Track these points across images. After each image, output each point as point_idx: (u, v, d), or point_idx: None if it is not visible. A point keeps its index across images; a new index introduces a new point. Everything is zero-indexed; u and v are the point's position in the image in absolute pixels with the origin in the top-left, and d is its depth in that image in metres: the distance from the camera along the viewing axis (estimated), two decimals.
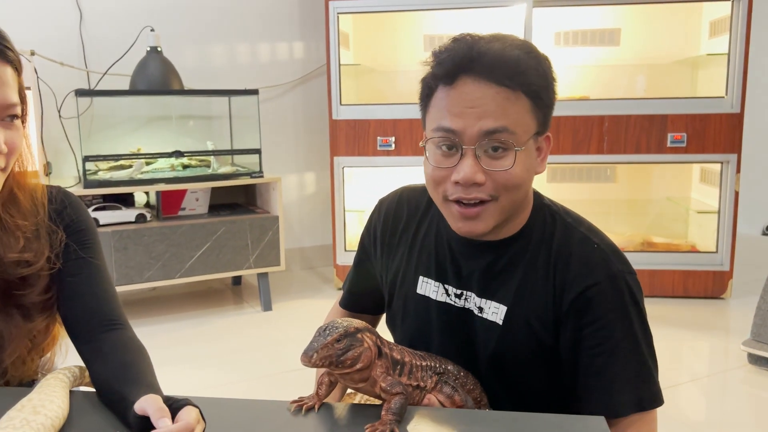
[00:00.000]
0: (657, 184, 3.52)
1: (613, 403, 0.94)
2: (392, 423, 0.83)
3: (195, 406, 0.79)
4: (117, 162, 2.84)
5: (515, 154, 0.91)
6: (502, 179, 0.91)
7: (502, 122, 0.89)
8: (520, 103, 0.91)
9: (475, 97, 0.90)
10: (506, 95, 0.90)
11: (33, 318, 1.02)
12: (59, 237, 1.01)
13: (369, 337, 0.85)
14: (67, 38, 3.02)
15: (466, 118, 0.90)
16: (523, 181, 0.93)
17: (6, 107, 0.90)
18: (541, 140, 0.97)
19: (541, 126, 0.95)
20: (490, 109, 0.89)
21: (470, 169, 0.90)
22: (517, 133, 0.91)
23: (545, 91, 0.93)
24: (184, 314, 2.96)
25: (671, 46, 3.36)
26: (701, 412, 2.05)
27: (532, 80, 0.91)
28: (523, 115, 0.91)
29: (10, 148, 0.92)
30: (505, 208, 0.95)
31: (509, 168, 0.91)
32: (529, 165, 0.94)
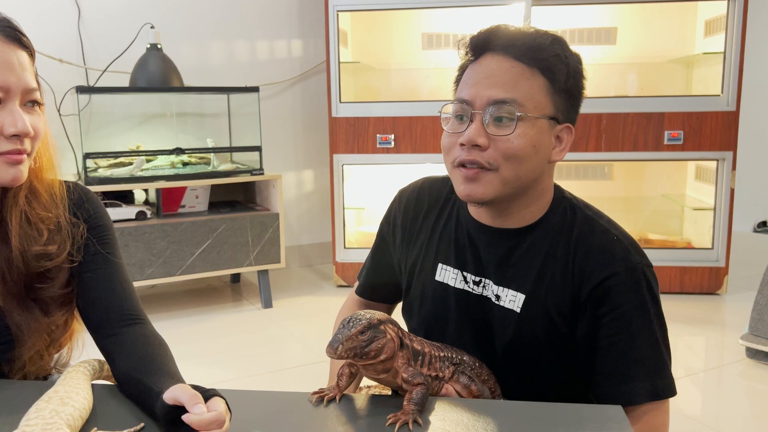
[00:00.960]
0: (653, 181, 3.55)
1: (629, 391, 0.96)
2: (414, 413, 0.84)
3: (222, 397, 0.80)
4: (117, 159, 2.83)
5: (518, 125, 0.94)
6: (503, 147, 0.94)
7: (512, 94, 0.94)
8: (534, 80, 0.95)
9: (490, 69, 0.96)
10: (521, 70, 0.95)
11: (52, 313, 1.02)
12: (81, 230, 1.02)
13: (391, 329, 0.87)
14: (65, 35, 3.02)
15: (479, 87, 0.96)
16: (525, 155, 0.95)
17: (28, 91, 0.92)
18: (560, 129, 0.99)
19: (560, 112, 0.98)
20: (502, 80, 0.95)
21: (474, 132, 0.95)
22: (525, 107, 0.94)
23: (563, 74, 0.96)
24: (184, 312, 2.96)
25: (666, 45, 3.39)
26: (699, 406, 2.08)
27: (549, 59, 0.95)
28: (535, 93, 0.95)
29: (36, 133, 0.93)
30: (507, 180, 0.96)
31: (510, 134, 0.93)
32: (537, 143, 0.96)
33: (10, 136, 0.90)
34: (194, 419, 0.72)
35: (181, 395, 0.77)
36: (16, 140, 0.90)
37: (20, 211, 0.98)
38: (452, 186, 1.13)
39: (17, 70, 0.90)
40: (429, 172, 1.22)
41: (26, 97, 0.92)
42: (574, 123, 1.02)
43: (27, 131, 0.91)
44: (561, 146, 1.00)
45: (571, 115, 1.01)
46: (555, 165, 1.04)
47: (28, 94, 0.92)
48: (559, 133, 0.99)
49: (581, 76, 1.00)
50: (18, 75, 0.90)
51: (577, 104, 1.01)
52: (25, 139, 0.92)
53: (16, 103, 0.91)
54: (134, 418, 0.85)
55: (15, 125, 0.89)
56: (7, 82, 0.89)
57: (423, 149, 3.07)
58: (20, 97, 0.91)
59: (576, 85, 0.99)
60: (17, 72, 0.90)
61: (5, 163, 0.91)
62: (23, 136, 0.91)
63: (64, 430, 0.71)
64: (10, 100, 0.90)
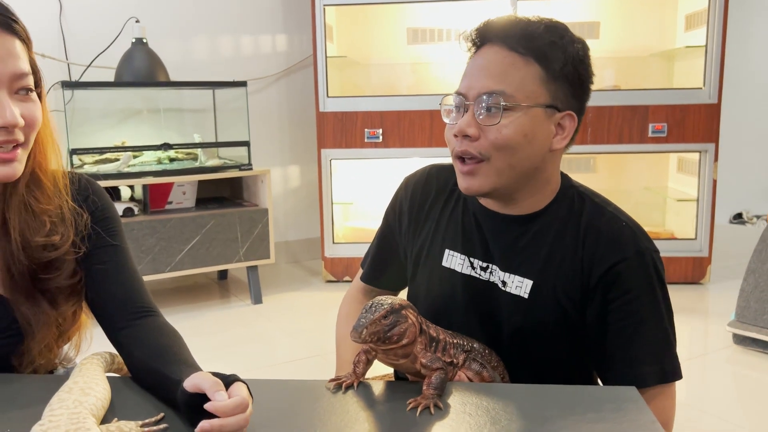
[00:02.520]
0: (635, 174, 3.61)
1: (638, 374, 0.98)
2: (434, 397, 0.85)
3: (243, 382, 0.79)
4: (103, 155, 2.79)
5: (507, 114, 0.95)
6: (492, 136, 0.95)
7: (500, 86, 0.95)
8: (528, 70, 0.95)
9: (485, 61, 0.98)
10: (513, 60, 0.96)
11: (59, 305, 1.01)
12: (84, 220, 1.01)
13: (412, 314, 0.87)
14: (46, 30, 2.96)
15: (473, 79, 0.98)
16: (516, 144, 0.96)
17: (16, 77, 0.88)
18: (560, 117, 0.98)
19: (558, 100, 0.97)
20: (493, 71, 0.96)
21: (465, 122, 0.97)
22: (515, 97, 0.95)
23: (559, 61, 0.96)
24: (173, 309, 2.94)
25: (648, 39, 3.44)
26: (685, 392, 2.12)
27: (542, 47, 0.95)
28: (528, 83, 0.95)
29: (28, 121, 0.90)
30: (501, 170, 0.97)
31: (496, 123, 0.95)
32: (530, 131, 0.96)
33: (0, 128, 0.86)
34: (218, 406, 0.71)
35: (202, 383, 0.76)
36: (4, 132, 0.87)
37: (21, 202, 0.96)
38: None
39: (4, 57, 0.86)
40: (417, 166, 1.22)
41: (16, 85, 0.88)
42: (579, 111, 1.01)
43: (14, 122, 0.87)
44: (563, 134, 1.00)
45: (573, 103, 1.00)
46: (561, 153, 1.04)
47: (17, 81, 0.88)
48: (560, 121, 0.99)
49: (583, 63, 0.99)
50: (5, 62, 0.86)
51: (581, 92, 1.00)
52: (16, 129, 0.88)
53: (3, 93, 0.87)
54: (153, 408, 0.85)
55: (2, 117, 0.86)
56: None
57: (411, 143, 3.08)
58: (8, 85, 0.88)
59: (576, 71, 0.98)
60: (4, 61, 0.86)
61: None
62: (11, 128, 0.87)
63: (90, 419, 0.71)
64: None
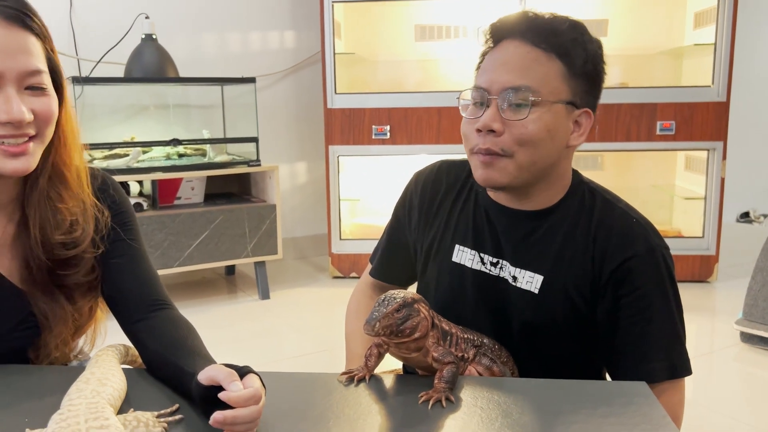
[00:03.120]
0: (643, 171, 3.60)
1: (648, 369, 0.98)
2: (446, 390, 0.86)
3: (256, 373, 0.80)
4: (112, 151, 2.81)
5: (532, 110, 0.95)
6: (517, 132, 0.96)
7: (525, 81, 0.95)
8: (551, 66, 0.96)
9: (507, 55, 0.98)
10: (536, 56, 0.96)
11: (76, 300, 1.02)
12: (105, 218, 1.01)
13: (424, 308, 0.88)
14: (57, 26, 2.98)
15: (495, 73, 0.98)
16: (540, 140, 0.96)
17: (27, 74, 0.88)
18: (578, 114, 1.00)
19: (578, 97, 0.99)
20: (517, 66, 0.96)
21: (489, 117, 0.97)
22: (540, 92, 0.95)
23: (580, 58, 0.97)
24: (181, 304, 2.93)
25: (656, 37, 3.43)
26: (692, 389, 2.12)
27: (565, 43, 0.96)
28: (551, 78, 0.96)
29: (42, 116, 0.90)
30: (523, 166, 0.98)
31: (524, 119, 0.95)
32: (553, 127, 0.97)
33: (5, 123, 0.87)
34: (232, 396, 0.72)
35: (216, 374, 0.77)
36: (10, 127, 0.87)
37: (42, 198, 0.96)
38: (470, 169, 1.15)
39: (14, 53, 0.86)
40: (424, 163, 1.23)
41: (26, 81, 0.88)
42: (594, 108, 1.03)
43: (19, 118, 0.86)
44: (580, 131, 1.01)
45: (590, 100, 1.02)
46: (573, 150, 1.05)
47: (27, 78, 0.88)
48: (578, 118, 1.00)
49: (600, 61, 1.01)
50: (15, 59, 0.86)
51: (597, 89, 1.02)
52: (27, 124, 0.88)
53: (12, 89, 0.87)
54: (168, 400, 0.86)
55: (8, 112, 0.86)
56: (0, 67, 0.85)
57: (418, 140, 3.08)
58: (17, 82, 0.87)
59: (594, 69, 1.00)
60: (14, 56, 0.86)
61: (2, 155, 0.88)
62: (17, 124, 0.87)
63: (108, 408, 0.72)
64: (5, 85, 0.86)
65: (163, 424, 0.77)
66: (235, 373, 0.77)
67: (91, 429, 0.65)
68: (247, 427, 0.73)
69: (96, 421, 0.67)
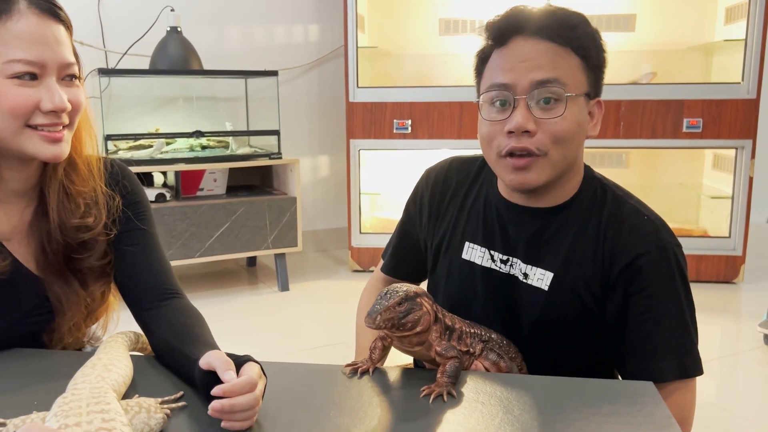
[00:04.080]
0: (669, 170, 3.54)
1: (657, 368, 0.97)
2: (448, 385, 0.85)
3: (256, 362, 0.81)
4: (137, 142, 2.85)
5: (566, 104, 0.94)
6: (553, 129, 0.94)
7: (554, 74, 0.94)
8: (570, 59, 0.96)
9: (526, 52, 0.95)
10: (556, 50, 0.95)
11: (90, 285, 1.05)
12: (116, 203, 1.04)
13: (427, 302, 0.88)
14: (85, 18, 3.03)
15: (518, 71, 0.95)
16: (572, 135, 0.96)
17: (65, 66, 0.92)
18: (592, 104, 1.00)
19: (592, 88, 0.99)
20: (542, 62, 0.94)
21: (522, 117, 0.94)
22: (568, 86, 0.95)
23: (594, 51, 0.98)
24: (202, 294, 2.99)
25: (686, 32, 3.36)
26: (714, 392, 2.08)
27: (581, 38, 0.96)
28: (573, 71, 0.96)
29: (74, 106, 0.94)
30: (556, 163, 0.97)
31: (561, 115, 0.94)
32: (581, 120, 0.97)
33: (48, 112, 0.91)
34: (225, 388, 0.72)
35: (214, 361, 0.79)
36: (53, 115, 0.92)
37: (59, 185, 1.00)
38: (481, 165, 1.14)
39: (53, 45, 0.90)
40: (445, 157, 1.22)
41: (63, 72, 0.93)
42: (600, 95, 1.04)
43: (64, 106, 0.91)
44: (594, 121, 1.02)
45: (598, 90, 1.02)
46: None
47: (64, 68, 0.93)
48: (591, 108, 1.01)
49: (605, 52, 1.02)
50: (54, 50, 0.90)
51: (603, 78, 1.03)
52: (62, 113, 0.93)
53: (53, 79, 0.91)
54: (173, 387, 0.87)
55: (52, 101, 0.90)
56: (42, 57, 0.89)
57: (440, 135, 3.07)
58: (57, 72, 0.92)
59: (603, 61, 1.01)
60: (53, 47, 0.90)
61: (43, 140, 0.92)
62: (60, 112, 0.92)
63: (111, 393, 0.73)
64: (47, 75, 0.91)
65: (165, 410, 0.78)
66: (231, 362, 0.78)
67: (92, 413, 0.66)
68: (245, 416, 0.73)
69: (97, 405, 0.68)
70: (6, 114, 0.89)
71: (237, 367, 0.78)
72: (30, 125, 0.91)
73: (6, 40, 0.88)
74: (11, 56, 0.87)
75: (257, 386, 0.75)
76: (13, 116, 0.89)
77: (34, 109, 0.90)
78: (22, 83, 0.89)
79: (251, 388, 0.73)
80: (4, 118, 0.89)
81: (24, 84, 0.89)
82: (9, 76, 0.88)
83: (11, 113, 0.89)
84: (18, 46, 0.88)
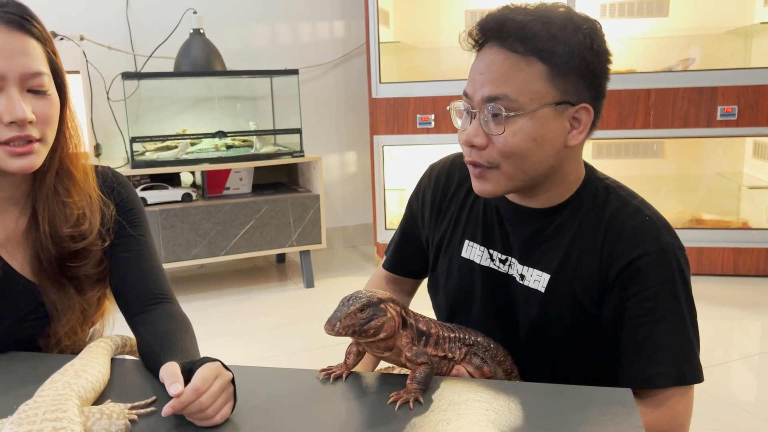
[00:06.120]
0: (707, 159, 3.41)
1: (653, 374, 0.93)
2: (416, 392, 0.84)
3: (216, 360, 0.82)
4: (163, 143, 2.91)
5: (512, 121, 0.91)
6: (500, 145, 0.93)
7: (503, 89, 0.91)
8: (531, 69, 0.90)
9: (486, 63, 0.94)
10: (514, 62, 0.91)
11: (86, 291, 1.07)
12: (110, 211, 1.06)
13: (392, 308, 0.87)
14: (114, 22, 3.11)
15: (475, 83, 0.95)
16: (524, 150, 0.92)
17: (29, 75, 0.92)
18: (575, 111, 0.94)
19: (569, 95, 0.93)
20: (494, 75, 0.92)
21: (471, 132, 0.95)
22: (519, 101, 0.91)
23: (564, 56, 0.90)
24: (231, 290, 3.04)
25: (723, 15, 3.22)
26: (752, 390, 2.01)
27: (542, 44, 0.90)
28: (531, 82, 0.91)
29: (41, 118, 0.94)
30: (513, 175, 0.95)
31: (502, 133, 0.92)
32: (539, 134, 0.92)
33: (9, 124, 0.90)
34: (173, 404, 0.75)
35: (163, 374, 0.80)
36: (15, 127, 0.91)
37: (50, 194, 1.01)
38: None
39: (14, 56, 0.90)
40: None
41: (27, 83, 0.92)
42: (596, 99, 0.96)
43: (23, 117, 0.90)
44: (579, 128, 0.95)
45: (586, 94, 0.94)
46: (580, 147, 0.99)
47: (28, 79, 0.92)
48: (575, 114, 0.94)
49: (592, 51, 0.93)
50: (14, 61, 0.90)
51: (594, 80, 0.94)
52: (30, 126, 0.92)
53: (13, 90, 0.91)
54: (152, 391, 0.89)
55: (12, 113, 0.90)
56: (1, 68, 0.89)
57: None
58: (19, 84, 0.91)
59: (584, 62, 0.92)
60: (14, 59, 0.90)
61: (9, 155, 0.92)
62: (21, 123, 0.91)
63: (74, 400, 0.75)
64: (7, 86, 0.90)
65: (132, 415, 0.79)
66: (177, 374, 0.79)
67: (45, 421, 0.68)
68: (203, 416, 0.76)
69: (53, 413, 0.70)
70: None
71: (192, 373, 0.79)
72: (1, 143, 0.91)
73: None
74: None
75: (209, 389, 0.76)
76: None
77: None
78: None
79: (197, 395, 0.75)
80: None
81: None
82: None
83: None
84: None
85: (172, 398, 0.75)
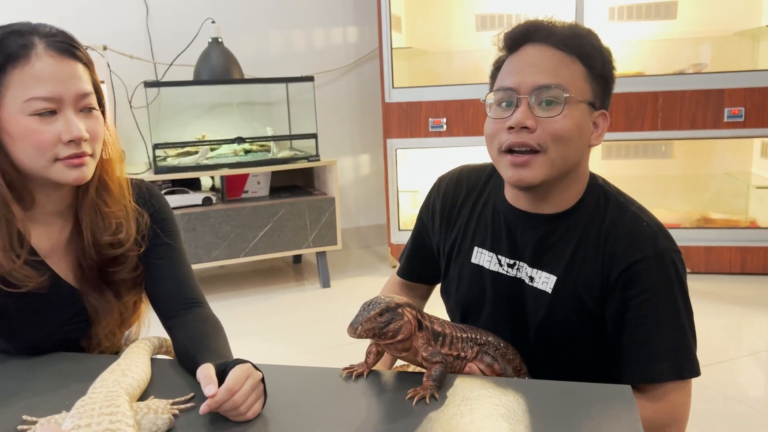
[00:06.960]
0: (716, 159, 3.45)
1: (653, 370, 1.01)
2: (432, 388, 0.92)
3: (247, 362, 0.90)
4: (184, 149, 3.01)
5: (565, 106, 1.00)
6: (551, 128, 1.00)
7: (556, 80, 1.00)
8: (574, 68, 1.01)
9: (533, 58, 1.02)
10: (561, 58, 1.01)
11: (123, 296, 1.16)
12: (145, 220, 1.14)
13: (409, 312, 0.94)
14: (135, 33, 3.21)
15: (523, 74, 1.02)
16: (572, 136, 1.01)
17: (81, 96, 1.02)
18: (597, 115, 1.05)
19: (597, 99, 1.04)
20: (546, 67, 1.01)
21: (522, 115, 1.00)
22: (570, 91, 1.00)
23: (599, 61, 1.03)
24: (249, 291, 3.14)
25: (731, 17, 3.26)
26: (760, 387, 2.06)
27: (586, 47, 1.02)
28: (576, 79, 1.01)
29: (92, 135, 1.03)
30: (555, 161, 1.02)
31: (558, 115, 0.99)
32: (581, 124, 1.02)
33: (68, 142, 1.00)
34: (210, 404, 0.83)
35: (199, 375, 0.89)
36: (73, 145, 1.01)
37: (92, 205, 1.10)
38: (489, 173, 1.20)
39: (67, 80, 1.00)
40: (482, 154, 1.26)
41: (80, 104, 1.02)
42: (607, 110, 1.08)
43: (81, 136, 1.00)
44: (598, 132, 1.06)
45: (605, 102, 1.07)
46: (590, 151, 1.10)
47: (80, 100, 1.02)
48: (596, 119, 1.05)
49: (612, 66, 1.06)
50: (68, 85, 1.00)
51: (610, 92, 1.08)
52: (83, 142, 1.02)
53: (71, 111, 1.01)
54: (188, 388, 0.97)
55: (70, 132, 1.00)
56: (59, 93, 0.99)
57: (475, 132, 3.10)
58: (73, 105, 1.01)
59: (610, 73, 1.06)
60: (68, 83, 1.00)
61: (66, 166, 1.02)
62: (78, 141, 1.01)
63: (123, 396, 0.83)
64: (64, 108, 1.00)
65: (174, 410, 0.88)
66: (211, 376, 0.87)
67: (102, 415, 0.76)
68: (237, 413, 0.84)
69: (108, 408, 0.78)
70: (32, 148, 0.99)
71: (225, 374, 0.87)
72: (57, 159, 1.01)
73: (24, 82, 0.98)
74: (30, 95, 0.98)
75: (241, 389, 0.84)
76: (38, 150, 0.99)
77: (57, 142, 1.00)
78: (43, 119, 0.99)
79: (230, 395, 0.83)
80: (32, 152, 1.00)
81: (45, 120, 0.99)
82: (31, 113, 0.98)
83: (36, 147, 0.99)
84: (35, 85, 0.98)
85: (208, 398, 0.83)
